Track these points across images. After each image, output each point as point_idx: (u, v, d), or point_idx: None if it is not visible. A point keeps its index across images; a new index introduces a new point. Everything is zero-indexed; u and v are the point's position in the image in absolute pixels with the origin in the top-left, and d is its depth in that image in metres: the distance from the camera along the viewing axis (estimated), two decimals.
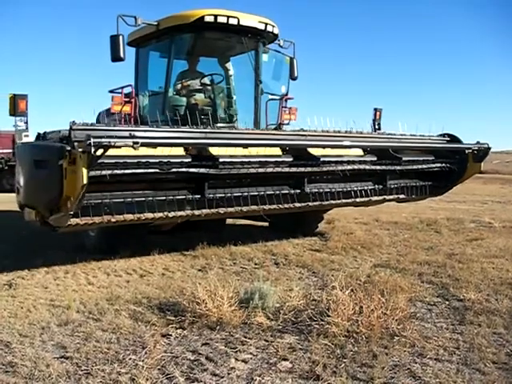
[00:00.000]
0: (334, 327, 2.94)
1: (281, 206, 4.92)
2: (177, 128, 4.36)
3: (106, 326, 3.15)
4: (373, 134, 6.05)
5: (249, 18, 5.77)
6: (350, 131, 5.28)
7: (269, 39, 6.22)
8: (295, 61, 6.52)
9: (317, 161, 4.93)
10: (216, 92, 6.15)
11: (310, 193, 5.11)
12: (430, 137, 6.00)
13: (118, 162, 3.85)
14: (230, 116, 6.14)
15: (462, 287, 3.94)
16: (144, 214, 4.17)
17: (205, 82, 6.18)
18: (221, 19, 5.54)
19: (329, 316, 3.03)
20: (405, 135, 5.75)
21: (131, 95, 5.81)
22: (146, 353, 2.71)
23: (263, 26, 5.87)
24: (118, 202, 4.05)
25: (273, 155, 4.83)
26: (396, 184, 5.82)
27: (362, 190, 5.47)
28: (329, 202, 5.23)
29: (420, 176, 6.06)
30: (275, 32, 6.07)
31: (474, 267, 4.60)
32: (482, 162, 5.96)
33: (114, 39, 5.24)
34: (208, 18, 5.51)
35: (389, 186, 5.73)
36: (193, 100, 5.99)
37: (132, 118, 5.66)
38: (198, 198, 4.48)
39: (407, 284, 3.87)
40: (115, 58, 5.31)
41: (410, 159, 5.69)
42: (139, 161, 3.94)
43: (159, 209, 4.24)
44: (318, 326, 3.02)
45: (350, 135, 5.23)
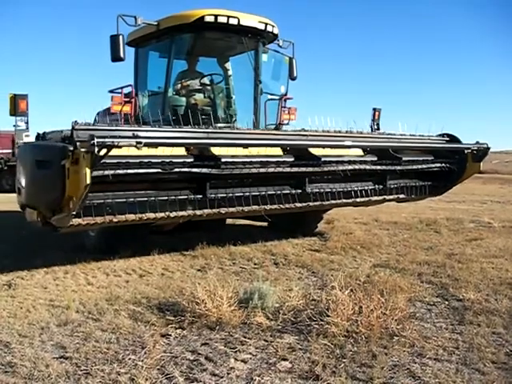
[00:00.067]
0: (333, 327, 2.94)
1: (282, 206, 4.92)
2: (179, 128, 4.34)
3: (105, 326, 3.15)
4: (373, 134, 6.06)
5: (249, 18, 5.77)
6: (351, 131, 5.28)
7: (268, 39, 6.23)
8: (294, 61, 6.53)
9: (318, 161, 4.93)
10: (216, 92, 6.16)
11: (310, 193, 5.11)
12: (429, 137, 6.00)
13: (121, 161, 3.83)
14: (229, 116, 6.14)
15: (461, 287, 3.94)
16: (146, 214, 4.16)
17: (204, 82, 6.19)
18: (221, 19, 5.54)
19: (328, 316, 3.03)
20: (405, 135, 5.75)
21: (131, 95, 5.81)
22: (145, 353, 2.71)
23: (263, 26, 5.88)
24: (120, 202, 4.04)
25: (274, 155, 4.82)
26: (396, 184, 5.82)
27: (363, 190, 5.47)
28: (329, 201, 5.24)
29: (420, 176, 6.06)
30: (275, 32, 6.08)
31: (474, 267, 4.60)
32: (482, 162, 5.97)
33: (114, 39, 5.24)
34: (208, 18, 5.51)
35: (389, 186, 5.74)
36: (192, 100, 6.00)
37: (132, 118, 5.66)
38: (200, 198, 4.47)
39: (407, 284, 3.87)
40: (115, 57, 5.31)
41: (409, 159, 5.69)
42: (141, 161, 3.93)
43: (161, 209, 4.23)
44: (317, 326, 3.02)
45: (351, 135, 5.23)
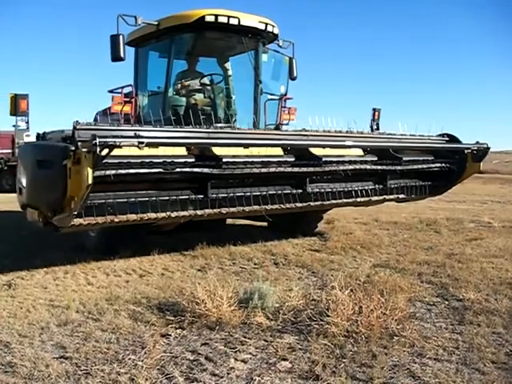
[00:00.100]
0: (333, 327, 2.93)
1: (283, 205, 4.92)
2: (180, 128, 4.34)
3: (105, 326, 3.15)
4: (373, 134, 6.05)
5: (249, 18, 5.77)
6: (351, 131, 5.29)
7: (269, 39, 6.23)
8: (294, 61, 6.53)
9: (319, 161, 4.92)
10: (216, 92, 6.15)
11: (311, 193, 5.11)
12: (429, 137, 6.01)
13: (122, 161, 3.83)
14: (229, 116, 6.14)
15: (461, 287, 3.94)
16: (147, 214, 4.15)
17: (204, 82, 6.18)
18: (221, 19, 5.54)
19: (328, 316, 3.03)
20: (405, 135, 5.75)
21: (131, 95, 5.81)
22: (145, 353, 2.71)
23: (263, 26, 5.88)
24: (122, 202, 4.03)
25: (275, 155, 4.82)
26: (396, 184, 5.82)
27: (363, 190, 5.48)
28: (330, 201, 5.24)
29: (420, 176, 6.06)
30: (275, 32, 6.08)
31: (474, 267, 4.60)
32: (481, 162, 5.97)
33: (114, 39, 5.23)
34: (209, 18, 5.51)
35: (389, 186, 5.74)
36: (192, 100, 5.99)
37: (132, 118, 5.66)
38: (201, 198, 4.47)
39: (407, 284, 3.87)
40: (115, 57, 5.31)
41: (410, 159, 5.69)
42: (143, 161, 3.93)
43: (162, 209, 4.22)
44: (317, 326, 3.02)
45: (352, 135, 5.23)
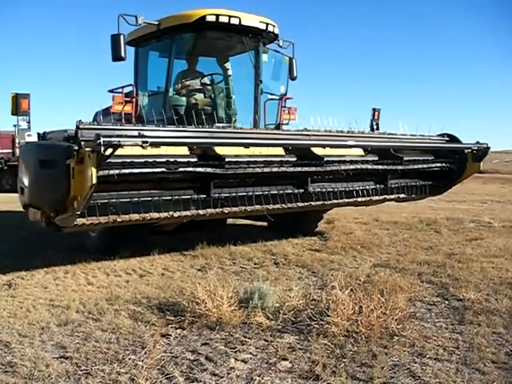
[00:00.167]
0: (333, 327, 2.93)
1: (284, 205, 4.92)
2: (183, 128, 4.33)
3: (105, 326, 3.15)
4: (374, 133, 6.05)
5: (250, 18, 5.77)
6: (352, 131, 5.29)
7: (269, 39, 6.23)
8: (294, 61, 6.53)
9: (320, 160, 4.92)
10: (216, 92, 6.15)
11: (313, 192, 5.11)
12: (429, 137, 6.01)
13: (125, 161, 3.82)
14: (229, 116, 6.14)
15: (461, 287, 3.94)
16: (150, 214, 4.14)
17: (205, 82, 6.18)
18: (222, 19, 5.54)
19: (328, 316, 3.03)
20: (405, 135, 5.76)
21: (132, 95, 5.81)
22: (145, 353, 2.71)
23: (264, 26, 5.88)
24: (124, 202, 4.03)
25: (277, 155, 4.82)
26: (397, 183, 5.83)
27: (364, 190, 5.48)
28: (331, 201, 5.24)
29: (420, 175, 6.07)
30: (276, 32, 6.08)
31: (474, 267, 4.60)
32: (481, 162, 5.98)
33: (114, 38, 5.23)
34: (210, 18, 5.51)
35: (390, 186, 5.74)
36: (193, 100, 5.99)
37: (133, 117, 5.65)
38: (204, 198, 4.47)
39: (407, 284, 3.87)
40: (116, 57, 5.31)
41: (410, 159, 5.70)
42: (146, 160, 3.92)
43: (165, 208, 4.22)
44: (317, 326, 3.02)
45: (353, 135, 5.23)
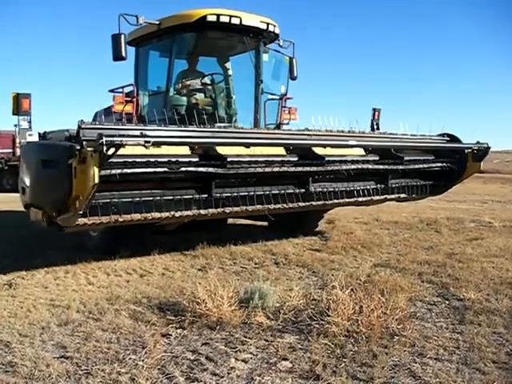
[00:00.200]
0: (333, 327, 2.93)
1: (286, 205, 4.91)
2: (185, 127, 4.31)
3: (106, 326, 3.15)
4: (375, 133, 6.05)
5: (251, 18, 5.78)
6: (353, 131, 5.29)
7: (270, 39, 6.23)
8: (295, 61, 6.53)
9: (322, 160, 4.92)
10: (216, 92, 6.16)
11: (314, 192, 5.11)
12: (430, 137, 6.01)
13: (127, 161, 3.81)
14: (229, 116, 6.14)
15: (461, 287, 3.94)
16: (151, 214, 4.14)
17: (205, 82, 6.18)
18: (223, 19, 5.54)
19: (329, 316, 3.03)
20: (406, 135, 5.76)
21: (132, 94, 5.80)
22: (145, 352, 2.71)
23: (265, 26, 5.88)
24: (126, 202, 4.02)
25: (278, 155, 4.82)
26: (397, 183, 5.83)
27: (365, 190, 5.48)
28: (332, 201, 5.24)
29: (420, 175, 6.07)
30: (276, 32, 6.08)
31: (474, 267, 4.60)
32: (482, 162, 5.98)
33: (115, 38, 5.23)
34: (210, 18, 5.51)
35: (390, 186, 5.74)
36: (193, 100, 5.99)
37: (134, 117, 5.65)
38: (205, 198, 4.46)
39: (407, 283, 3.87)
40: (117, 57, 5.30)
41: (411, 159, 5.69)
42: (148, 160, 3.91)
43: (166, 208, 4.21)
44: (318, 326, 3.02)
45: (354, 135, 5.23)
